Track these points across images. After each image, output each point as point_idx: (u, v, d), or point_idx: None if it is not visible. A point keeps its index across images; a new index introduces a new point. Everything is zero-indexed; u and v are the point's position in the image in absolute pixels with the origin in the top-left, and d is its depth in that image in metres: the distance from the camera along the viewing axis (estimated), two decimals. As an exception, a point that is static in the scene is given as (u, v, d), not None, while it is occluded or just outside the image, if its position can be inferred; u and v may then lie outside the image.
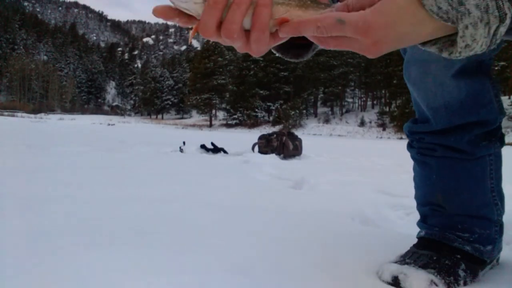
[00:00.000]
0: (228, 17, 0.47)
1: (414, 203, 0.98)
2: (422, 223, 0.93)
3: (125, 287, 0.74)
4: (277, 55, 0.61)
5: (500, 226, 0.89)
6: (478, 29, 0.43)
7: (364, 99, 59.11)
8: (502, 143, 0.88)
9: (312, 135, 36.08)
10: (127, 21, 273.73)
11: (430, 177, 0.91)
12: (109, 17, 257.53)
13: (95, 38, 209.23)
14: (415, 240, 0.92)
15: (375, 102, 58.70)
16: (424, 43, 0.47)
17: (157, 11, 0.50)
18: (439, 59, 0.78)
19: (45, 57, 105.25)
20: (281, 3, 0.50)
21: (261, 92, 46.18)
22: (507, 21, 0.43)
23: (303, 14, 0.50)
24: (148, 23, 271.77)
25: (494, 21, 0.42)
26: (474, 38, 0.44)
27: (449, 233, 0.86)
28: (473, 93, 0.82)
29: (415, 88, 0.89)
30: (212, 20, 0.47)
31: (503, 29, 0.44)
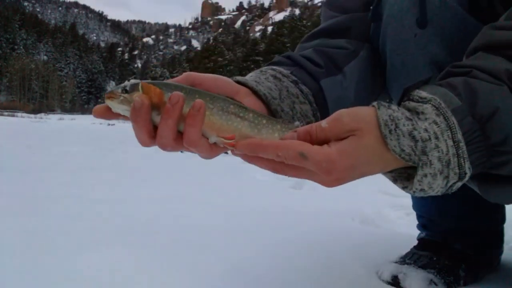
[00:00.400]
0: (158, 132, 0.45)
1: (414, 203, 1.01)
2: (421, 227, 0.93)
3: (125, 287, 0.73)
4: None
5: (500, 232, 0.89)
6: (437, 180, 0.43)
7: (364, 99, 59.08)
8: None
9: (312, 135, 35.94)
10: (127, 21, 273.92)
11: (425, 197, 0.94)
12: (109, 17, 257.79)
13: (95, 38, 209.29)
14: (415, 240, 0.92)
15: (375, 102, 58.72)
16: None
17: (96, 112, 0.48)
18: None
19: (45, 57, 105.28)
20: (233, 119, 0.47)
21: (261, 92, 46.25)
22: (466, 179, 0.44)
23: (255, 136, 0.47)
24: (148, 23, 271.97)
25: (453, 177, 0.43)
26: (431, 186, 0.43)
27: (449, 236, 0.86)
28: None
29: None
30: (143, 134, 0.46)
31: (460, 184, 0.44)
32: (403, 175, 0.45)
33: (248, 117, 0.48)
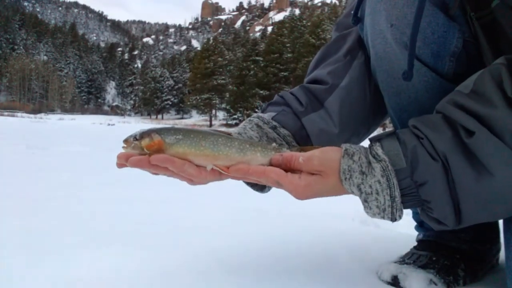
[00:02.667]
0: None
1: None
2: (419, 227, 0.94)
3: (124, 286, 0.74)
4: (246, 185, 0.75)
5: (496, 227, 0.89)
6: (375, 215, 0.59)
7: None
8: None
9: (312, 135, 35.74)
10: (127, 21, 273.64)
11: None
12: (109, 17, 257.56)
13: (95, 38, 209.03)
14: (414, 240, 0.93)
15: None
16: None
17: (120, 159, 0.62)
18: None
19: (45, 57, 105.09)
20: (222, 148, 0.60)
21: (261, 92, 46.21)
22: (397, 221, 0.59)
23: (242, 157, 0.60)
24: (148, 23, 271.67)
25: (386, 218, 0.59)
26: (372, 215, 0.60)
27: (445, 233, 0.87)
28: None
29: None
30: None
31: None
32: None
33: (234, 145, 0.60)
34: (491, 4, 0.64)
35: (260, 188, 0.75)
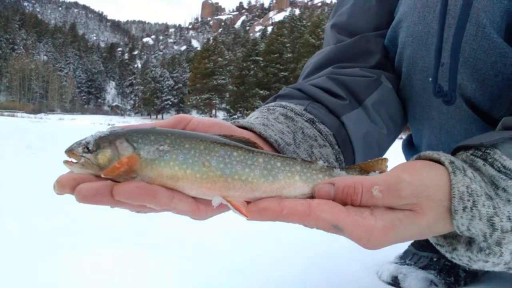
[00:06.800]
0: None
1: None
2: None
3: (125, 286, 0.74)
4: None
5: None
6: (497, 266, 0.37)
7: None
8: None
9: (312, 135, 35.73)
10: (127, 21, 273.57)
11: None
12: (109, 17, 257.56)
13: (95, 38, 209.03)
14: (415, 241, 0.92)
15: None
16: None
17: (60, 186, 0.39)
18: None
19: (45, 57, 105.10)
20: (239, 171, 0.37)
21: (261, 92, 46.22)
22: None
23: (270, 185, 0.38)
24: (148, 23, 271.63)
25: None
26: (484, 266, 0.37)
27: None
28: None
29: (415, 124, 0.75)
30: None
31: None
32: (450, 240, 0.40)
33: (258, 163, 0.38)
34: None
35: None
